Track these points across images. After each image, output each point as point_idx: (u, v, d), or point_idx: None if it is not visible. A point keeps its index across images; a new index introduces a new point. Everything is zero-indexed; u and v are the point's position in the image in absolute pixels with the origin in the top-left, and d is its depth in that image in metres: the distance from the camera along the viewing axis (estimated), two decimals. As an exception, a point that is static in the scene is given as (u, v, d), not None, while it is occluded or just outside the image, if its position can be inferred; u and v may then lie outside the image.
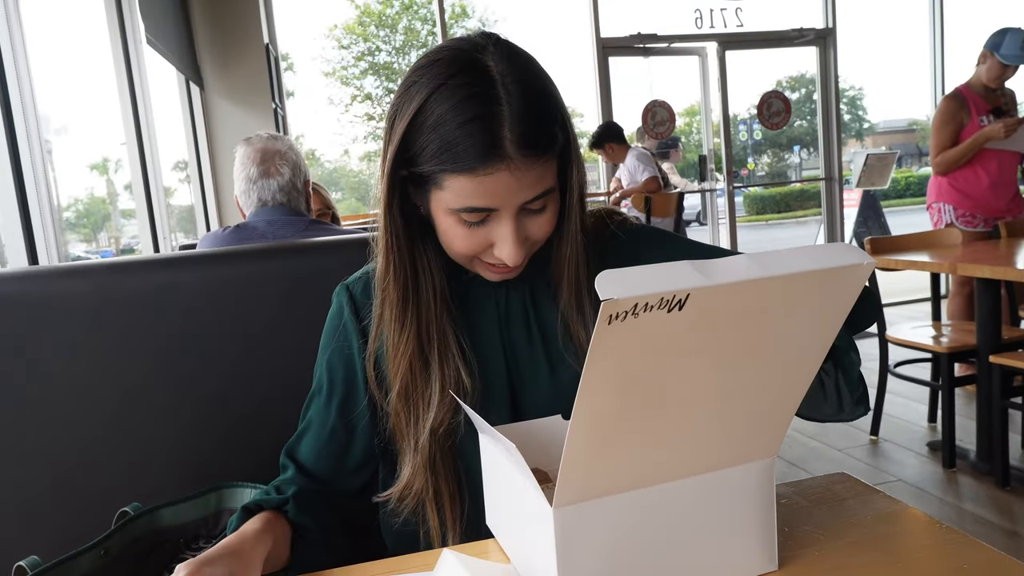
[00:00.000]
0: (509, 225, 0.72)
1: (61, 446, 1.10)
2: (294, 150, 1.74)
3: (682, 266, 0.45)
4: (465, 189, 0.69)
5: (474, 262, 0.78)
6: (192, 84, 3.73)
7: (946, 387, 2.57)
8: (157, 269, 1.16)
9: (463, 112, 0.67)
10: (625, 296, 0.42)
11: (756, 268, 0.46)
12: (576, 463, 0.50)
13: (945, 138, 3.32)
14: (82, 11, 3.15)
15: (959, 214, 3.38)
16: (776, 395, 0.56)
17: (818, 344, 0.54)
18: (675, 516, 0.57)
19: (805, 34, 5.16)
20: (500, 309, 0.84)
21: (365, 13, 16.59)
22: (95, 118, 3.65)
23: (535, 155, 0.69)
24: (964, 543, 0.62)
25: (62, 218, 2.59)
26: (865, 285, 0.53)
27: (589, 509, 0.54)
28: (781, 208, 18.11)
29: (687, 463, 0.56)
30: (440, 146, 0.68)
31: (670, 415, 0.52)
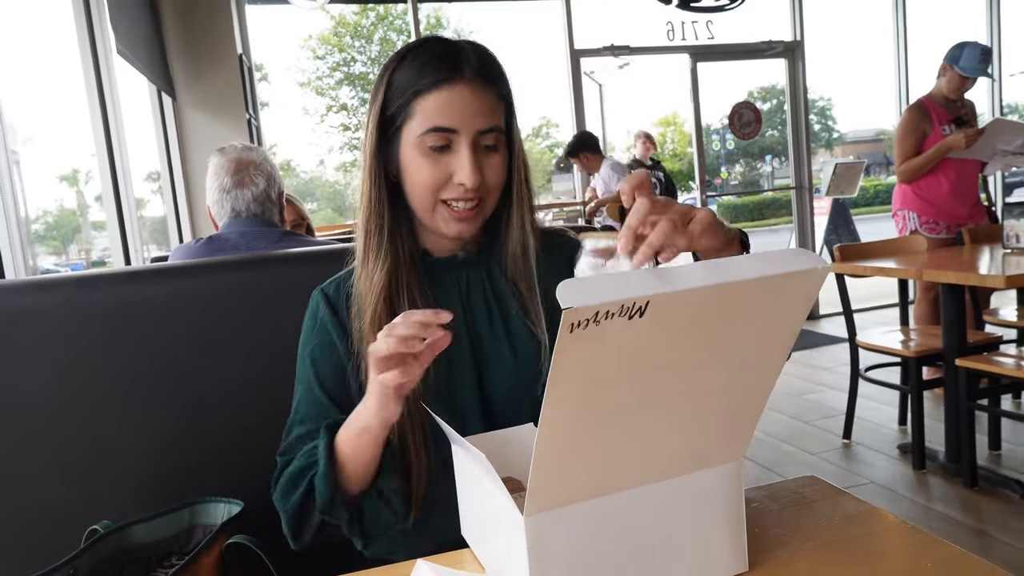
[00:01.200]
0: (466, 149, 0.83)
1: (29, 463, 1.08)
2: (268, 161, 1.72)
3: (642, 274, 0.46)
4: (432, 107, 0.82)
5: (437, 208, 0.86)
6: (164, 95, 3.69)
7: (914, 390, 2.62)
8: (127, 282, 1.15)
9: (430, 52, 0.83)
10: (586, 304, 0.43)
11: (714, 274, 0.47)
12: (545, 471, 0.51)
13: (909, 147, 3.41)
14: (50, 20, 3.11)
15: (922, 221, 3.46)
16: (740, 398, 0.57)
17: (779, 347, 0.55)
18: (646, 520, 0.58)
19: (774, 46, 5.26)
20: (462, 291, 0.93)
21: (340, 24, 16.56)
22: (64, 128, 3.60)
23: (487, 81, 0.83)
24: (929, 542, 0.64)
25: (30, 231, 2.54)
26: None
27: (560, 516, 0.54)
28: (754, 216, 18.37)
29: (655, 468, 0.57)
30: (411, 78, 0.83)
31: (636, 420, 0.53)
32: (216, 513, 1.00)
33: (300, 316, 0.99)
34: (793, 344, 0.56)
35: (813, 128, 24.52)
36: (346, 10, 16.14)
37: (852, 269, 2.73)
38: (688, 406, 0.55)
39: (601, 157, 4.66)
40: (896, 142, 3.47)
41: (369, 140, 0.87)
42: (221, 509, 1.00)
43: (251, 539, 0.91)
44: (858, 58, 25.11)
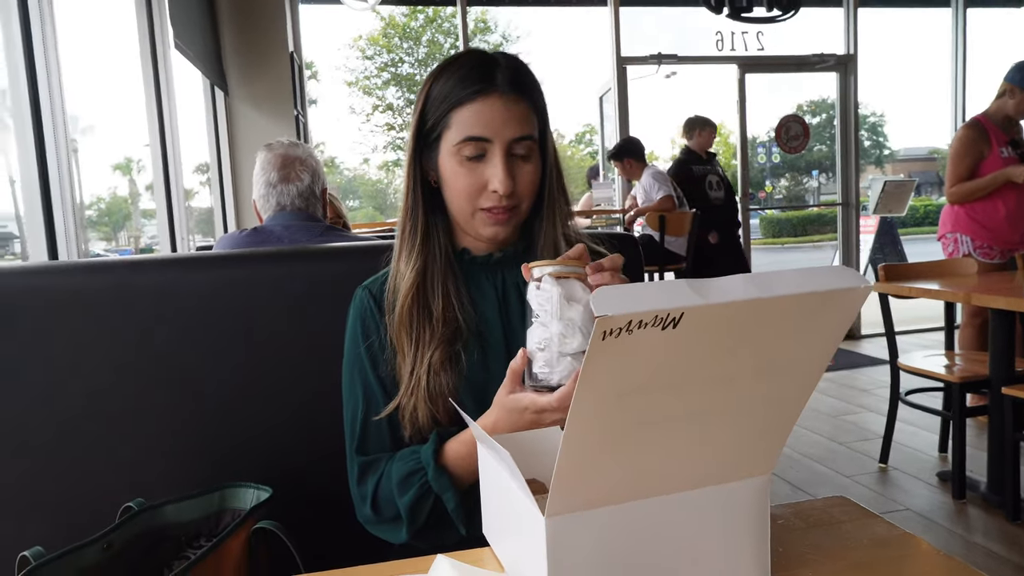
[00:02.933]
0: (499, 157, 0.87)
1: (69, 441, 1.12)
2: (313, 157, 1.76)
3: (679, 284, 0.46)
4: (466, 119, 0.87)
5: (475, 214, 0.91)
6: (217, 89, 3.79)
7: (957, 417, 2.54)
8: (172, 267, 1.19)
9: (466, 66, 0.88)
10: (619, 313, 0.43)
11: (752, 288, 0.47)
12: (569, 474, 0.51)
13: (964, 169, 3.29)
14: (113, 15, 3.22)
15: (977, 245, 3.34)
16: (771, 413, 0.56)
17: (814, 364, 0.54)
18: (668, 529, 0.57)
19: (826, 60, 5.16)
20: (498, 288, 0.96)
21: (390, 25, 16.78)
22: (121, 119, 3.72)
23: (519, 92, 0.88)
24: (960, 570, 0.62)
25: (84, 216, 2.64)
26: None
27: (581, 519, 0.54)
28: (798, 232, 18.03)
29: (681, 478, 0.57)
30: (447, 91, 0.88)
31: (664, 430, 0.53)
32: (245, 498, 1.02)
33: (339, 309, 1.01)
34: (828, 363, 0.55)
35: (863, 144, 24.00)
36: (396, 11, 16.36)
37: (897, 289, 2.66)
38: (717, 419, 0.55)
39: (644, 165, 4.63)
40: (951, 161, 3.34)
41: (408, 149, 0.93)
42: (250, 494, 1.03)
43: (277, 525, 0.93)
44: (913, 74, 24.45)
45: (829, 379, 4.26)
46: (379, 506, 0.91)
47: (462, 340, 0.91)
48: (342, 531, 1.04)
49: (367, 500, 0.92)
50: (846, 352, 4.93)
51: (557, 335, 0.71)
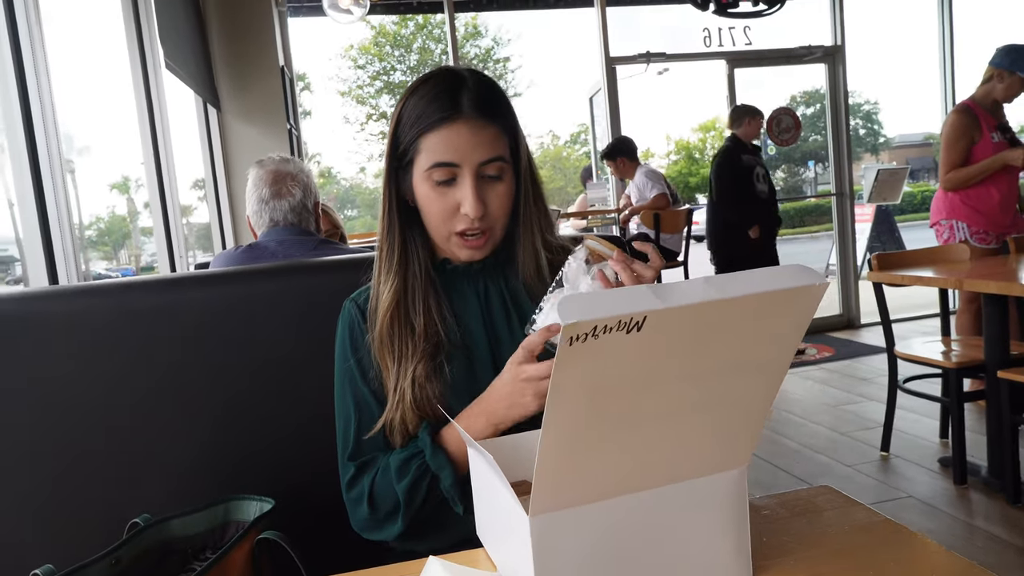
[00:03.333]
0: (469, 182, 0.88)
1: (75, 459, 1.14)
2: (304, 172, 1.78)
3: (641, 290, 0.48)
4: (434, 145, 0.88)
5: (450, 238, 0.92)
6: (209, 105, 3.82)
7: (955, 403, 2.56)
8: (169, 288, 1.21)
9: (434, 89, 0.89)
10: (584, 319, 0.45)
11: (712, 290, 0.49)
12: (549, 474, 0.53)
13: (957, 155, 3.29)
14: (103, 35, 3.25)
15: (973, 231, 3.35)
16: (740, 408, 0.59)
17: (779, 360, 0.56)
18: (649, 524, 0.59)
19: (814, 51, 5.18)
20: (481, 299, 0.97)
21: (380, 33, 16.84)
22: (117, 138, 3.75)
23: (487, 116, 0.88)
24: (937, 552, 0.64)
25: (83, 236, 2.65)
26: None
27: (564, 517, 0.56)
28: (795, 223, 18.05)
29: (658, 473, 0.59)
30: (417, 116, 0.88)
31: (638, 427, 0.55)
32: (249, 510, 1.05)
33: (335, 321, 1.03)
34: (792, 357, 0.57)
35: (859, 133, 24.00)
36: (386, 20, 16.42)
37: (890, 278, 2.68)
38: (689, 415, 0.57)
39: (637, 164, 4.65)
40: (944, 148, 3.34)
41: (386, 169, 0.94)
42: (254, 506, 1.05)
43: (280, 535, 0.95)
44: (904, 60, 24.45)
45: (829, 369, 4.28)
46: (375, 500, 0.92)
47: (444, 352, 0.92)
48: (344, 540, 1.06)
49: (364, 498, 0.94)
50: (845, 341, 4.95)
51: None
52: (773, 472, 2.81)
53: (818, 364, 4.41)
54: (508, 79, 19.31)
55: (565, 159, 23.83)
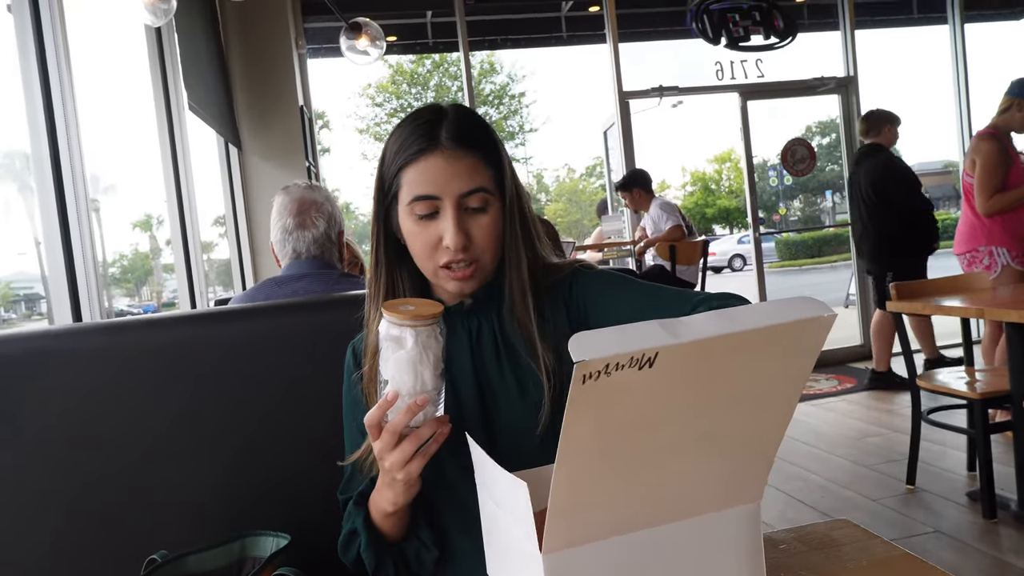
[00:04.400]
0: (450, 214, 0.87)
1: (95, 495, 1.15)
2: (330, 201, 1.77)
3: (651, 326, 0.49)
4: (413, 179, 0.88)
5: (437, 272, 0.91)
6: (231, 145, 3.91)
7: (981, 435, 2.50)
8: (189, 324, 1.23)
9: (414, 123, 0.90)
10: (596, 357, 0.45)
11: (722, 324, 0.49)
12: (561, 510, 0.53)
13: (998, 180, 3.26)
14: (130, 80, 3.36)
15: (1013, 255, 3.32)
16: (750, 443, 0.59)
17: (788, 392, 0.56)
18: (662, 560, 0.59)
19: (826, 83, 5.21)
20: (472, 337, 0.95)
21: (398, 72, 17.20)
22: (141, 178, 3.85)
23: (464, 147, 0.87)
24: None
25: (108, 274, 2.70)
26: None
27: (578, 555, 0.56)
28: (813, 253, 17.92)
29: (671, 508, 0.59)
30: (397, 150, 0.89)
31: (651, 463, 0.55)
32: (265, 546, 1.05)
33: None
34: (802, 390, 0.57)
35: (875, 162, 23.92)
36: (403, 59, 16.78)
37: (910, 308, 2.65)
38: (700, 450, 0.57)
39: (652, 196, 4.67)
40: (983, 174, 3.29)
41: (374, 206, 0.94)
42: (270, 542, 1.05)
43: (296, 571, 0.95)
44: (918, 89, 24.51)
45: (852, 401, 4.21)
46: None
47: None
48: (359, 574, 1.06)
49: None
50: (867, 372, 4.87)
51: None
52: (797, 507, 2.76)
53: (840, 396, 4.34)
54: (523, 114, 19.58)
55: (581, 192, 23.96)
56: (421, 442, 0.77)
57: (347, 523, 0.95)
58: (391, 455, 0.76)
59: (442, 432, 0.78)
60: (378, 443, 0.77)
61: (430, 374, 0.77)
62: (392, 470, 0.77)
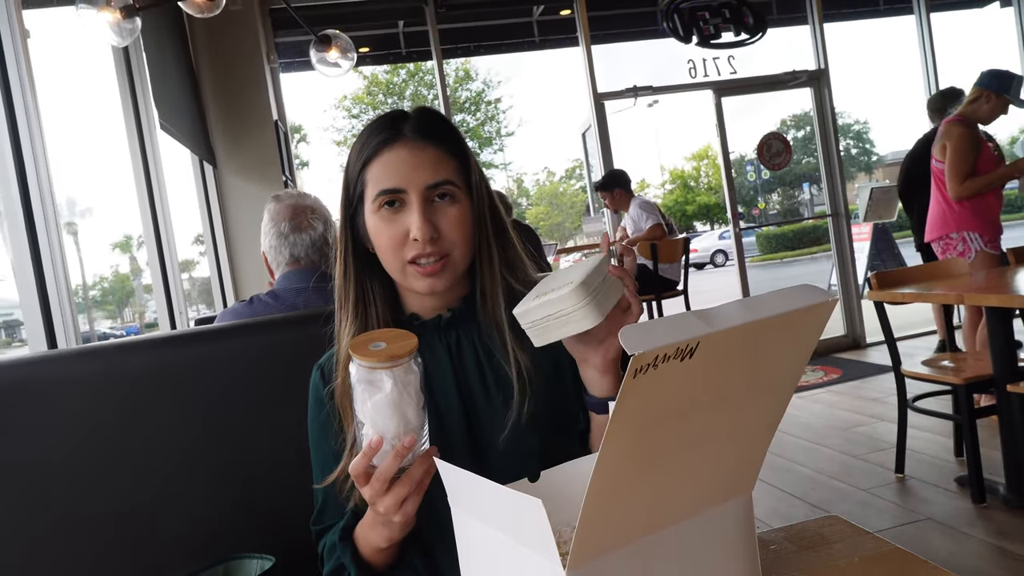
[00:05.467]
0: (415, 204, 0.85)
1: (74, 522, 1.12)
2: (323, 206, 1.70)
3: (686, 316, 0.48)
4: (377, 173, 0.87)
5: (405, 269, 0.88)
6: (205, 163, 3.87)
7: (966, 419, 2.52)
8: (165, 346, 1.21)
9: (376, 123, 0.89)
10: (650, 348, 0.44)
11: (747, 312, 0.50)
12: (592, 519, 0.51)
13: (970, 165, 3.29)
14: (99, 100, 3.32)
15: (986, 240, 3.36)
16: (756, 431, 0.58)
17: (792, 378, 0.57)
18: (674, 559, 0.58)
19: (798, 76, 5.26)
20: (452, 351, 0.92)
21: (373, 83, 17.17)
22: (117, 199, 3.80)
23: (427, 138, 0.87)
24: (948, 581, 0.63)
25: (87, 297, 2.65)
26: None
27: (600, 566, 0.54)
28: (793, 245, 18.09)
29: (684, 506, 0.58)
30: (359, 150, 0.88)
31: (673, 459, 0.54)
32: (249, 569, 1.03)
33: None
34: (800, 378, 0.58)
35: (851, 152, 24.21)
36: (378, 69, 16.75)
37: (890, 296, 2.67)
38: (715, 443, 0.56)
39: (631, 196, 4.68)
40: (956, 159, 3.31)
41: (341, 218, 0.92)
42: (254, 565, 1.03)
43: (282, 595, 0.93)
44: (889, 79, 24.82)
45: (838, 391, 4.24)
46: (324, 569, 0.93)
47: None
48: None
49: (320, 562, 0.94)
50: (853, 362, 4.91)
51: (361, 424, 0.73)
52: (789, 501, 2.76)
53: (826, 386, 4.36)
54: (500, 119, 19.61)
55: (561, 195, 24.03)
56: (414, 483, 0.73)
57: (330, 560, 0.91)
58: (384, 500, 0.73)
59: (432, 465, 0.74)
60: (367, 490, 0.73)
61: (413, 411, 0.73)
62: (388, 514, 0.74)
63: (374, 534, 0.81)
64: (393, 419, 0.71)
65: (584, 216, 5.56)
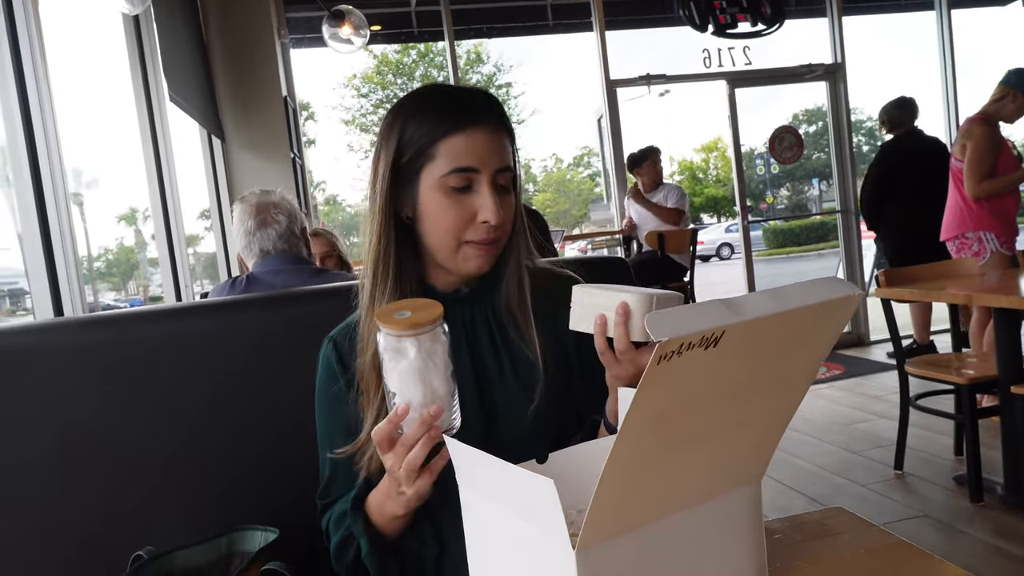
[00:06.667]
0: (487, 188, 0.85)
1: (79, 491, 1.13)
2: (287, 200, 1.79)
3: (714, 304, 0.48)
4: (454, 149, 0.85)
5: (460, 248, 0.88)
6: (213, 137, 3.86)
7: (968, 419, 2.52)
8: (171, 318, 1.21)
9: (446, 95, 0.89)
10: (675, 336, 0.44)
11: (774, 303, 0.50)
12: (606, 502, 0.51)
13: (989, 165, 3.26)
14: (109, 71, 3.30)
15: (1002, 241, 3.34)
16: (774, 422, 0.58)
17: (810, 372, 0.56)
18: (683, 545, 0.58)
19: (814, 70, 5.21)
20: (467, 324, 0.93)
21: (383, 62, 17.06)
22: (124, 171, 3.79)
23: (500, 124, 0.88)
24: (952, 574, 0.62)
25: (92, 268, 2.65)
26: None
27: (609, 549, 0.54)
28: (801, 241, 18.01)
29: (696, 493, 0.58)
30: (433, 120, 0.85)
31: (690, 449, 0.54)
32: (253, 540, 1.03)
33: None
34: (817, 371, 0.58)
35: (862, 149, 24.04)
36: (388, 49, 16.64)
37: (898, 294, 2.66)
38: (732, 432, 0.56)
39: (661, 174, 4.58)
40: (974, 158, 3.27)
41: (382, 185, 0.89)
42: (258, 537, 1.03)
43: (285, 566, 0.94)
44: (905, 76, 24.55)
45: (841, 388, 4.24)
46: (330, 543, 0.94)
47: None
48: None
49: (325, 537, 0.95)
50: (856, 359, 4.91)
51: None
52: (788, 494, 2.77)
53: (828, 382, 4.36)
54: (511, 105, 19.50)
55: (569, 182, 23.94)
56: (432, 445, 0.73)
57: (338, 531, 0.91)
58: (403, 466, 0.73)
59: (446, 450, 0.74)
60: (390, 456, 0.74)
61: (440, 379, 0.73)
62: (404, 482, 0.75)
63: (391, 502, 0.82)
64: (419, 388, 0.72)
65: (592, 204, 5.52)
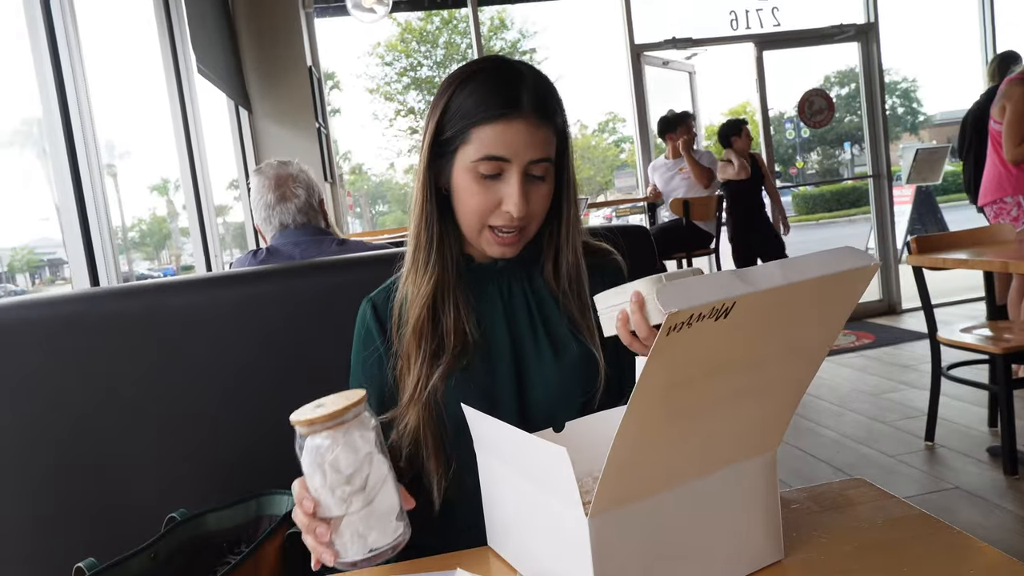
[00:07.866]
0: (516, 179, 0.85)
1: (115, 456, 1.17)
2: (305, 172, 1.80)
3: (727, 275, 0.48)
4: (488, 137, 0.85)
5: (483, 232, 0.90)
6: (240, 108, 3.88)
7: (1003, 390, 2.47)
8: (199, 288, 1.24)
9: (492, 80, 0.86)
10: (685, 307, 0.45)
11: (788, 273, 0.50)
12: (619, 469, 0.52)
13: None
14: (139, 43, 3.33)
15: None
16: (787, 392, 0.59)
17: (827, 340, 0.56)
18: (696, 513, 0.59)
19: (845, 30, 5.04)
20: (504, 296, 0.95)
21: (406, 30, 16.90)
22: (155, 142, 3.84)
23: (544, 117, 0.86)
24: (973, 546, 0.62)
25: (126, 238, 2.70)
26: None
27: (621, 516, 0.55)
28: (832, 207, 17.63)
29: (710, 461, 0.59)
30: (470, 106, 0.85)
31: (699, 417, 0.55)
32: (281, 504, 1.07)
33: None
34: (833, 342, 0.58)
35: (896, 112, 23.32)
36: (411, 16, 16.45)
37: (930, 261, 2.60)
38: (746, 402, 0.57)
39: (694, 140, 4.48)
40: (1015, 120, 3.14)
41: (423, 156, 0.90)
42: (286, 501, 1.07)
43: (312, 530, 0.97)
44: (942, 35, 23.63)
45: (870, 356, 4.18)
46: None
47: (468, 355, 0.91)
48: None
49: None
50: (887, 327, 4.83)
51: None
52: (813, 464, 2.76)
53: (857, 351, 4.31)
54: (536, 71, 19.11)
55: (593, 148, 23.66)
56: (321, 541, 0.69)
57: None
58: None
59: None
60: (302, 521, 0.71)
61: (344, 471, 0.68)
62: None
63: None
64: (316, 479, 0.68)
65: (616, 171, 5.45)
